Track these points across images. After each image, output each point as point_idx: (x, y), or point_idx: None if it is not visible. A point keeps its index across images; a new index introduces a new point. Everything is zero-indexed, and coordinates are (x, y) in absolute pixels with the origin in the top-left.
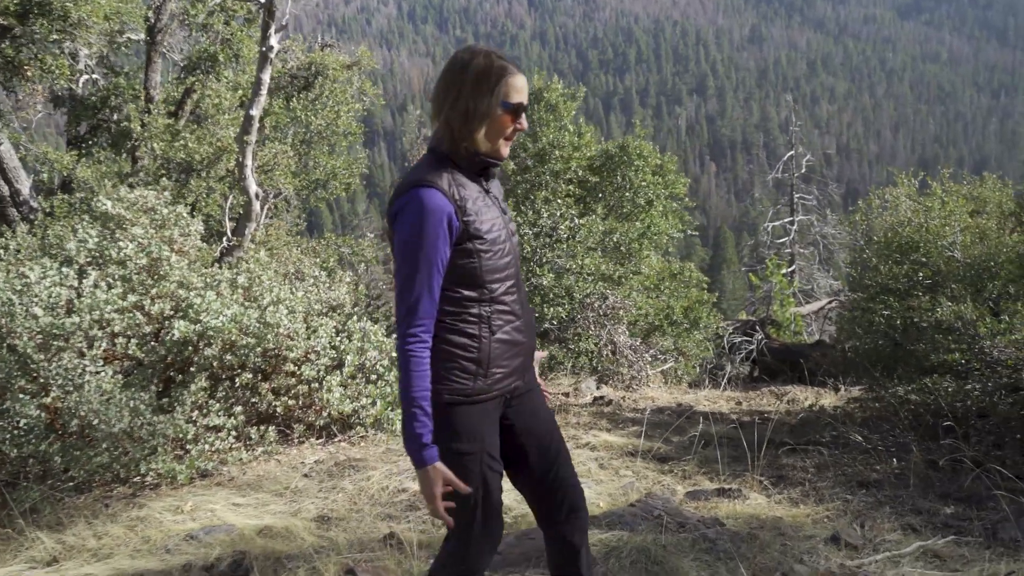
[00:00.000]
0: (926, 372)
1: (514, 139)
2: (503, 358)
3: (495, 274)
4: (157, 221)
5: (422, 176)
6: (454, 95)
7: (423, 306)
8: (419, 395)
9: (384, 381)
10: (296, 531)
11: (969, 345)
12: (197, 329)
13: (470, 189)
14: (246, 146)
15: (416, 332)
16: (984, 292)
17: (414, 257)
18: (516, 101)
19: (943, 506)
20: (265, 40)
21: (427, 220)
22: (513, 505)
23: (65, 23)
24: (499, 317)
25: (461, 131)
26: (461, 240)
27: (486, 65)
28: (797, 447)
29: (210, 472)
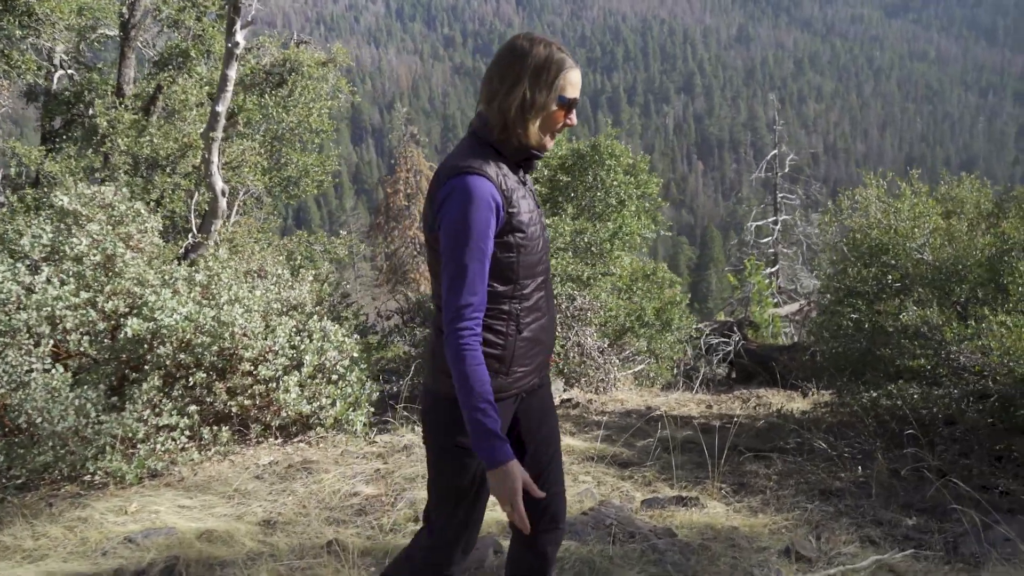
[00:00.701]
0: (892, 378)
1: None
2: (526, 356)
3: (530, 270)
4: (114, 217)
5: (470, 163)
6: (510, 83)
7: (476, 298)
8: (482, 390)
9: (345, 382)
10: (237, 535)
11: (935, 351)
12: (151, 327)
13: (512, 179)
14: (212, 142)
15: (470, 325)
16: (952, 296)
17: (465, 246)
18: (572, 96)
19: (905, 517)
20: (231, 36)
21: (477, 207)
22: None
23: (30, 19)
24: (528, 315)
25: (516, 121)
26: (503, 232)
27: (547, 56)
28: (761, 453)
29: (160, 472)
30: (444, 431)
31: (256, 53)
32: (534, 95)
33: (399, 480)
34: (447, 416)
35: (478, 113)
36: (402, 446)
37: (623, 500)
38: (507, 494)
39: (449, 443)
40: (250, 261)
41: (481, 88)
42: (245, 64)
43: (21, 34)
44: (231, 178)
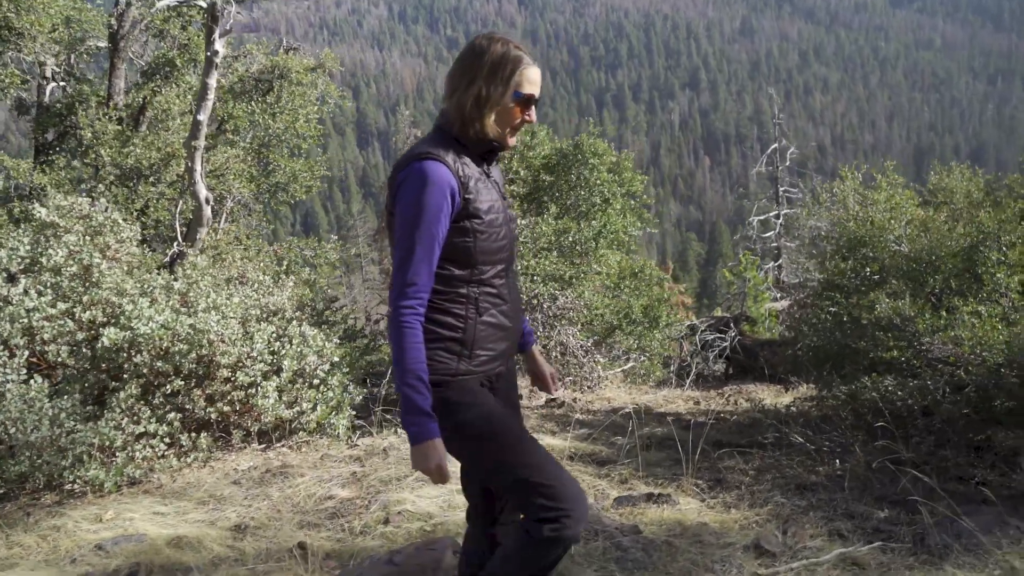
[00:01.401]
0: (868, 370)
1: (521, 130)
2: (488, 341)
3: (488, 256)
4: (93, 228)
5: (428, 149)
6: (469, 79)
7: (421, 278)
8: (415, 366)
9: (326, 386)
10: (206, 541)
11: (909, 342)
12: (127, 336)
13: (473, 169)
14: (195, 151)
15: (412, 304)
16: (926, 287)
17: (415, 228)
18: (527, 92)
19: (877, 510)
20: (210, 45)
21: (431, 191)
22: (435, 512)
23: (10, 33)
24: (486, 299)
25: (472, 114)
26: (460, 217)
27: (503, 53)
28: (740, 449)
29: (139, 480)
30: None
31: (244, 60)
32: (489, 89)
33: (374, 483)
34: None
35: (441, 110)
36: (381, 449)
37: (597, 498)
38: (427, 471)
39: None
40: (231, 268)
41: (444, 84)
42: (234, 72)
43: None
44: (216, 186)
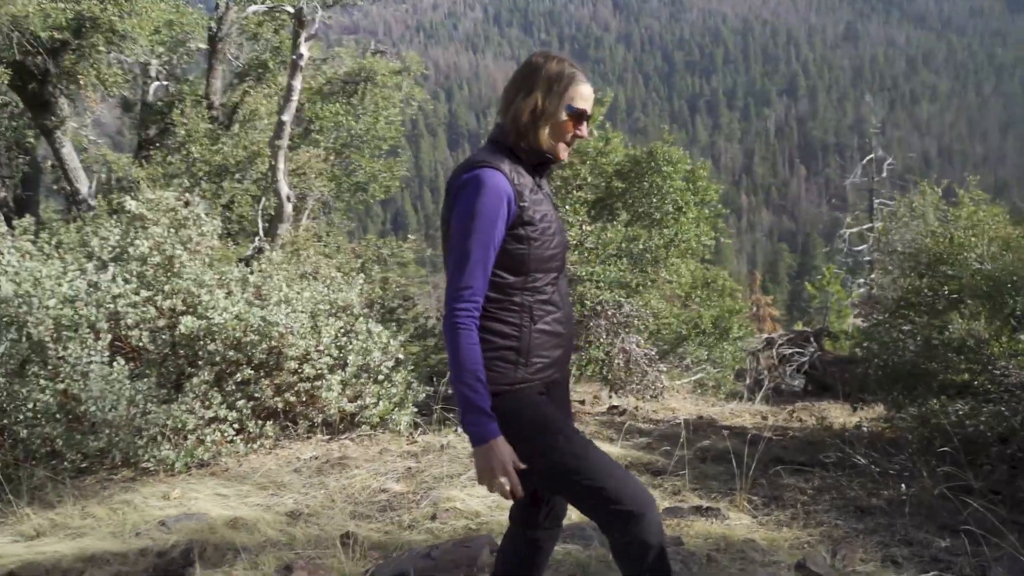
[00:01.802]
0: (938, 393)
1: (574, 145)
2: (544, 348)
3: (541, 263)
4: (178, 221)
5: (485, 158)
6: (525, 92)
7: (477, 281)
8: (472, 366)
9: (390, 382)
10: (261, 524)
11: (983, 366)
12: (203, 325)
13: (527, 179)
14: (278, 150)
15: (467, 307)
16: (1005, 309)
17: (472, 234)
18: (580, 107)
19: (938, 539)
20: (296, 48)
21: (488, 199)
22: (482, 511)
23: (114, 35)
24: (540, 307)
25: (527, 126)
26: (515, 225)
27: (558, 70)
28: (800, 467)
29: (207, 462)
30: (511, 423)
31: (332, 63)
32: (545, 103)
33: (428, 479)
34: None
35: (496, 124)
36: (438, 446)
37: None
38: (491, 471)
39: (519, 436)
40: (306, 264)
41: (500, 99)
42: (323, 74)
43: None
44: (298, 184)
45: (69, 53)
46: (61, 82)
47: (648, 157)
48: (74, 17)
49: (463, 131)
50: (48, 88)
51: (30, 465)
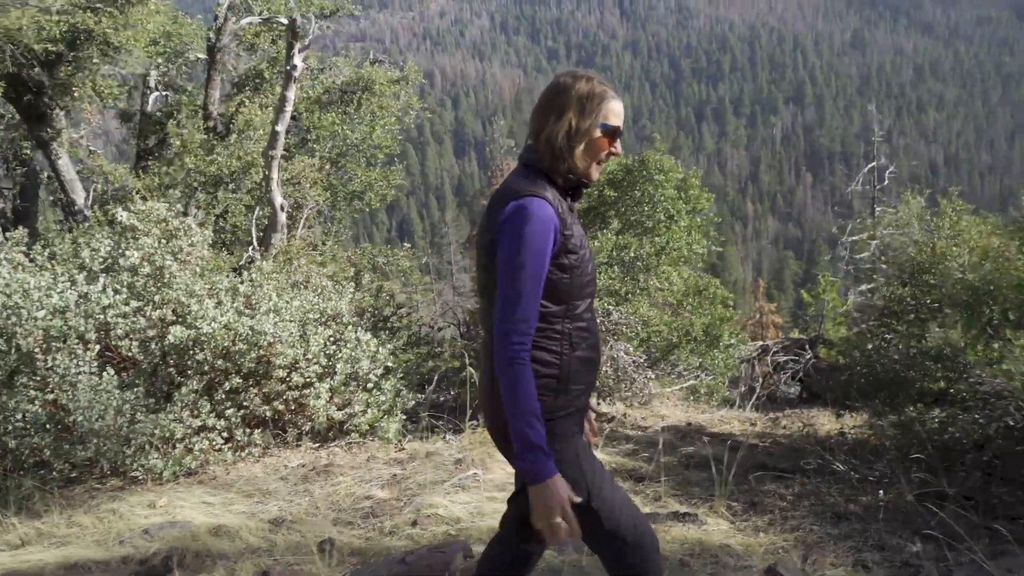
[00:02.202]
0: (915, 401)
1: (605, 163)
2: (580, 375)
3: (580, 290)
4: (169, 232)
5: (531, 188)
6: (557, 114)
7: (529, 315)
8: (529, 405)
9: (379, 390)
10: (244, 532)
11: (959, 374)
12: (192, 335)
13: (565, 204)
14: (272, 160)
15: (523, 342)
16: (982, 318)
17: (524, 267)
18: (614, 124)
19: (911, 544)
20: (289, 59)
21: (537, 230)
22: (464, 517)
23: (108, 48)
24: (578, 334)
25: (562, 148)
26: (558, 254)
27: (588, 88)
28: (782, 473)
29: (195, 471)
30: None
31: (331, 73)
32: (579, 122)
33: (412, 486)
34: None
35: (527, 145)
36: (426, 453)
37: None
38: (547, 511)
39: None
40: (297, 273)
41: (530, 122)
42: (320, 83)
43: (100, 62)
44: (291, 193)
45: (64, 65)
46: (56, 94)
47: (640, 166)
48: (68, 30)
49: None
50: (43, 100)
51: (18, 476)
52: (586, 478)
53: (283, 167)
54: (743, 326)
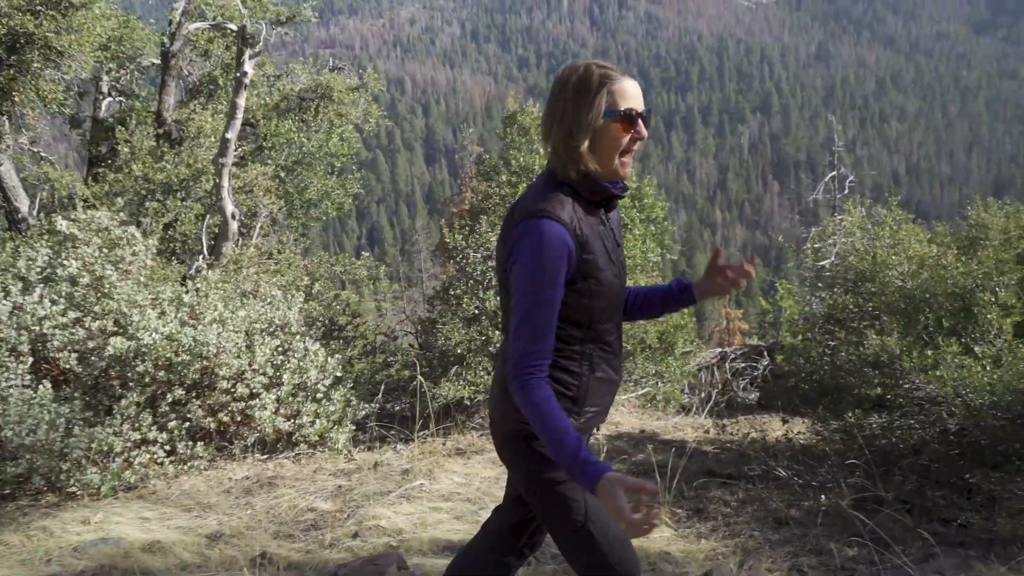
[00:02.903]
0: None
1: (635, 151)
2: (597, 395)
3: (605, 314)
4: (111, 241)
5: (544, 205)
6: (559, 113)
7: (541, 344)
8: (556, 422)
9: (328, 400)
10: (179, 547)
11: (895, 380)
12: (133, 346)
13: (589, 222)
14: (222, 168)
15: (533, 371)
16: (918, 325)
17: (533, 294)
18: (625, 107)
19: (847, 548)
20: (240, 66)
21: (549, 254)
22: (406, 528)
23: (50, 52)
24: (600, 355)
25: (567, 151)
26: (576, 278)
27: (585, 75)
28: (729, 480)
29: (136, 485)
30: (542, 467)
31: (288, 80)
32: (577, 117)
33: (357, 497)
34: (535, 452)
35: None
36: (373, 464)
37: None
38: (616, 510)
39: (546, 479)
40: (245, 282)
41: (540, 130)
42: (277, 91)
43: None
44: (244, 201)
45: (4, 69)
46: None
47: None
48: (7, 33)
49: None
50: None
51: None
52: (584, 499)
53: (236, 175)
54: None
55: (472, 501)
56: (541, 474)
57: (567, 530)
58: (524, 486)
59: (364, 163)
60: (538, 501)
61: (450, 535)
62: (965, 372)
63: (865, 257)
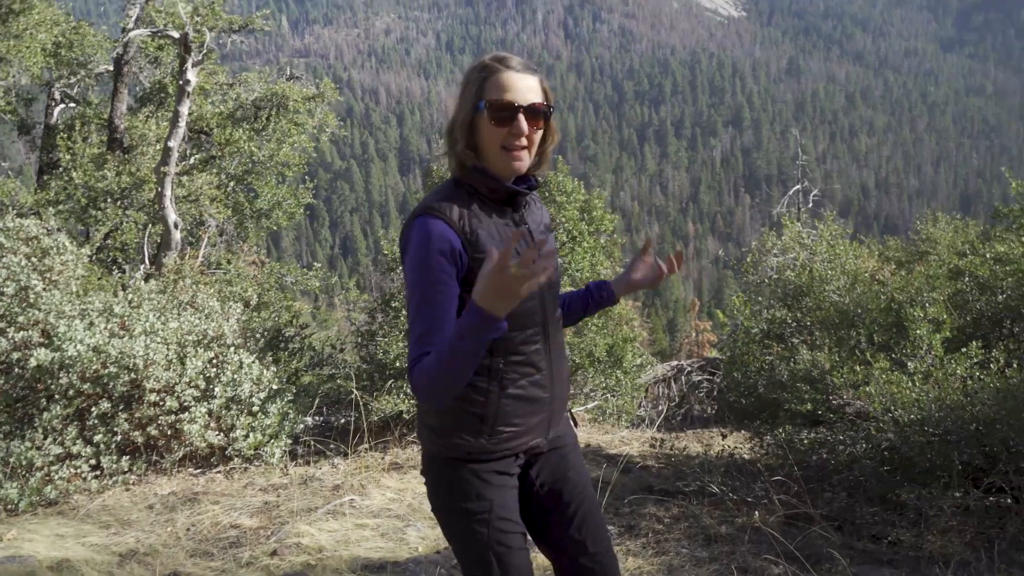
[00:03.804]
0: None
1: (522, 151)
2: (514, 416)
3: (512, 321)
4: (41, 250)
5: (430, 203)
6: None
7: (430, 344)
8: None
9: (264, 414)
10: (88, 566)
11: (826, 396)
12: (57, 357)
13: (488, 222)
14: (164, 176)
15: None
16: (850, 341)
17: (418, 291)
18: (495, 98)
19: (773, 565)
20: (182, 74)
21: (428, 252)
22: (327, 546)
23: None
24: (513, 370)
25: (449, 146)
26: (470, 278)
27: (473, 66)
28: (666, 496)
29: (56, 501)
30: (442, 493)
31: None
32: (459, 111)
33: (283, 513)
34: (440, 476)
35: None
36: (306, 478)
37: None
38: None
39: (450, 507)
40: (182, 293)
41: None
42: (230, 99)
43: None
44: (190, 211)
45: None
46: None
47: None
48: None
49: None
50: None
51: None
52: (488, 542)
53: (181, 184)
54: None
55: (401, 518)
56: (457, 503)
57: (473, 563)
58: (440, 512)
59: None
60: (447, 528)
61: (371, 553)
62: (893, 388)
63: (802, 272)
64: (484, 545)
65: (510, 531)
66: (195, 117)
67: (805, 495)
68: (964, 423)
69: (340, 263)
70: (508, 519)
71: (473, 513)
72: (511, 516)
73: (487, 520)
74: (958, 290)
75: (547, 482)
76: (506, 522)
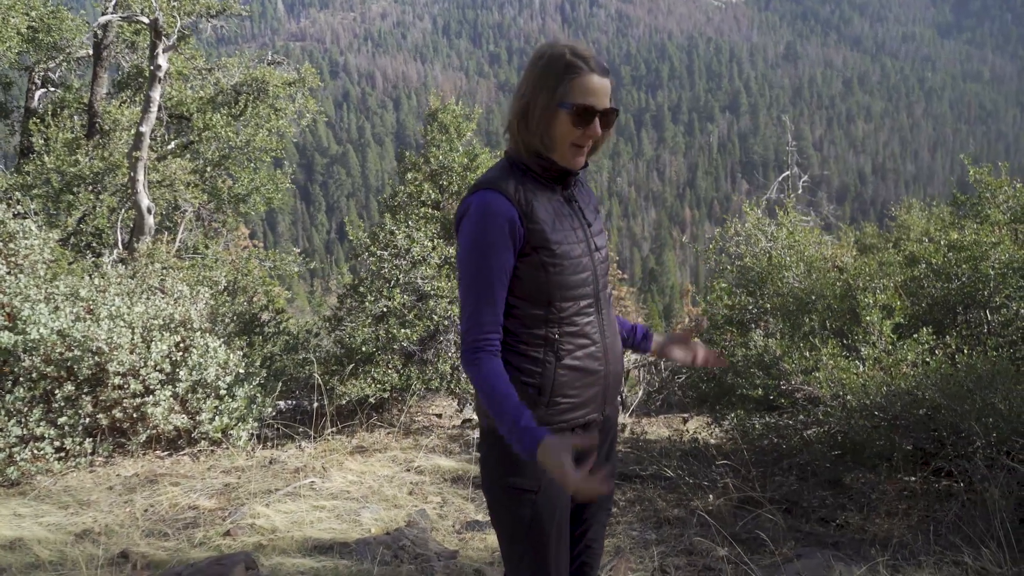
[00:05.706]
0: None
1: (587, 149)
2: (571, 387)
3: (566, 291)
4: (7, 234)
5: (488, 178)
6: (521, 91)
7: (485, 317)
8: (501, 395)
9: (231, 397)
10: (42, 545)
11: (777, 381)
12: (21, 341)
13: (542, 196)
14: (136, 161)
15: (480, 345)
16: (803, 327)
17: (474, 265)
18: (580, 102)
19: (719, 548)
20: (153, 59)
21: (488, 224)
22: (281, 527)
23: None
24: (569, 341)
25: (519, 129)
26: (526, 250)
27: (553, 58)
28: (625, 479)
29: (18, 482)
30: (492, 468)
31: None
32: (536, 99)
33: (243, 495)
34: (492, 452)
35: None
36: (268, 461)
37: (455, 521)
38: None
39: (498, 481)
40: (151, 278)
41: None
42: (209, 84)
43: None
44: (164, 196)
45: None
46: None
47: None
48: None
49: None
50: None
51: None
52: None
53: (155, 168)
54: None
55: (358, 500)
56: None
57: (513, 536)
58: (487, 485)
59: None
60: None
61: (323, 534)
62: (842, 373)
63: (761, 258)
64: (528, 520)
65: (558, 508)
66: (175, 102)
67: (755, 479)
68: (913, 408)
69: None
70: (557, 498)
71: (523, 490)
72: (560, 496)
73: (533, 500)
74: (913, 276)
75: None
76: (555, 500)
